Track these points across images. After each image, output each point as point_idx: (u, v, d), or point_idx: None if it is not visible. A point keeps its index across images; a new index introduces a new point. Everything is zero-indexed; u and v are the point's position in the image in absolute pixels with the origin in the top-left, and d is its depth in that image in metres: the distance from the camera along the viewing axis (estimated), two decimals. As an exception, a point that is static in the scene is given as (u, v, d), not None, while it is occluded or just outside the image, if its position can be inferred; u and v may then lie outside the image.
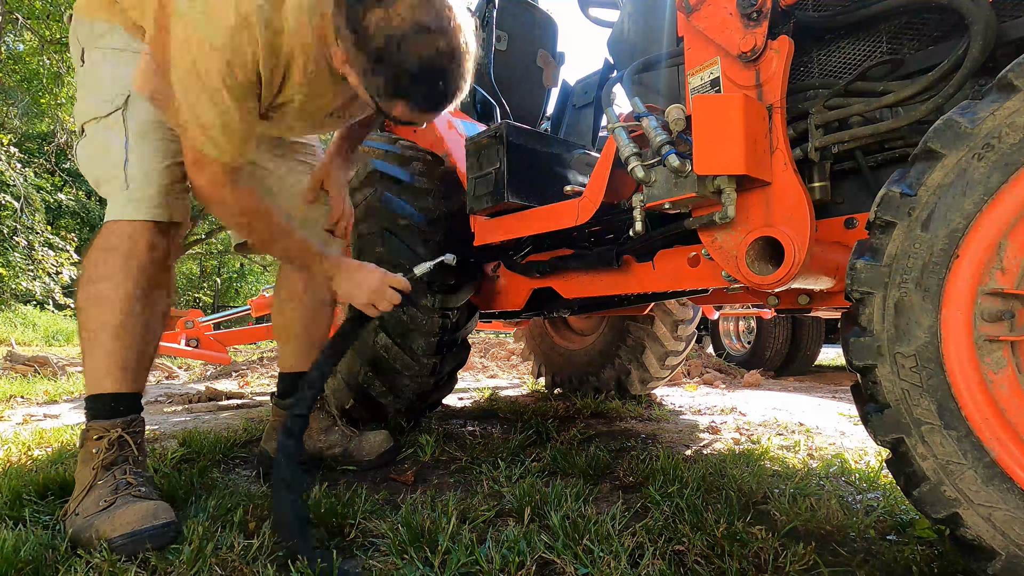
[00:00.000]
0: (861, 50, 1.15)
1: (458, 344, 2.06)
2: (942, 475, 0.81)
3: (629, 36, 1.68)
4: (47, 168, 12.58)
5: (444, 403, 2.80)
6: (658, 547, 1.04)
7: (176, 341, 4.35)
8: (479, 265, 2.11)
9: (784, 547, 1.04)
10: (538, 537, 1.05)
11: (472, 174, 1.78)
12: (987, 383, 0.80)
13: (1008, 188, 0.77)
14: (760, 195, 1.15)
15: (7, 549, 0.97)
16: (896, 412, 0.85)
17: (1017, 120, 0.76)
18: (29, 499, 1.28)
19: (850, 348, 0.89)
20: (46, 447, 1.86)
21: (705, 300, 2.31)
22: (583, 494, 1.32)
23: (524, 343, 3.45)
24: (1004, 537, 0.77)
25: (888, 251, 0.85)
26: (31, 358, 4.80)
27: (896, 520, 1.22)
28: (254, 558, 1.00)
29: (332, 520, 1.16)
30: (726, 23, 1.19)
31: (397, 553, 1.02)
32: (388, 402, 1.95)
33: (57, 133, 10.93)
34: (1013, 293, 0.78)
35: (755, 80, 1.16)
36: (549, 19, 2.68)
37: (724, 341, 5.52)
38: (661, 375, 2.87)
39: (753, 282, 1.15)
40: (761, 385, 3.98)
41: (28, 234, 10.18)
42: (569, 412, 2.52)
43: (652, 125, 1.22)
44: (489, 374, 4.84)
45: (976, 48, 0.95)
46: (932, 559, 1.03)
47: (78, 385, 3.68)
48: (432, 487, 1.46)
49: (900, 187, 0.85)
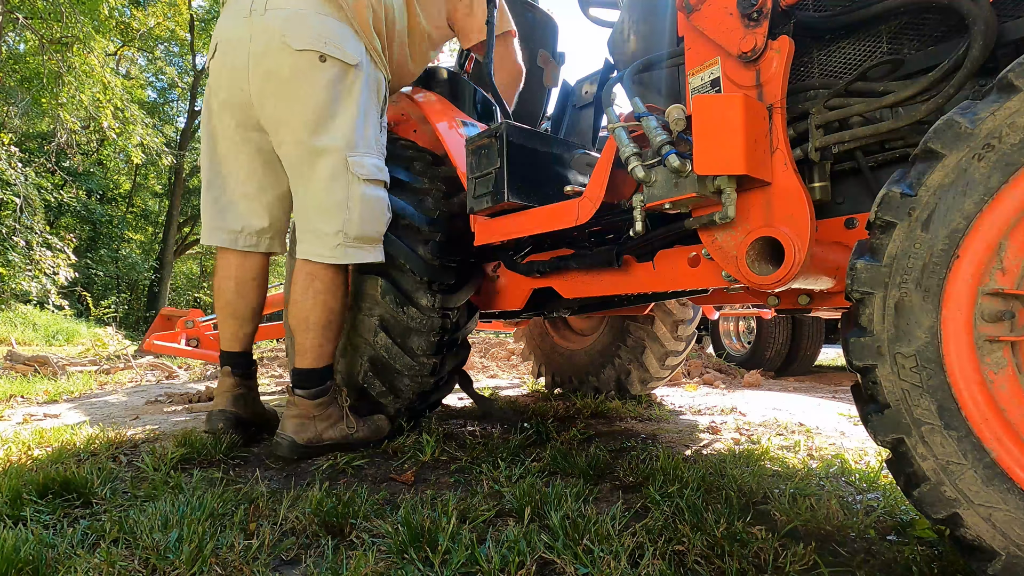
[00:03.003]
0: (861, 50, 1.15)
1: (458, 344, 2.06)
2: (942, 475, 0.81)
3: (629, 36, 1.68)
4: (47, 168, 12.58)
5: (444, 403, 2.80)
6: (658, 547, 1.04)
7: (176, 341, 4.35)
8: (479, 265, 2.11)
9: (784, 547, 1.04)
10: (538, 537, 1.05)
11: (472, 174, 1.78)
12: (987, 383, 0.80)
13: (1008, 188, 0.77)
14: (760, 195, 1.15)
15: (7, 549, 0.97)
16: (896, 412, 0.85)
17: (1017, 120, 0.76)
18: (29, 499, 1.28)
19: (850, 348, 0.89)
20: (46, 447, 1.86)
21: (705, 300, 2.31)
22: (583, 494, 1.32)
23: (524, 343, 3.45)
24: (1004, 537, 0.77)
25: (888, 251, 0.85)
26: (31, 358, 4.80)
27: (896, 520, 1.22)
28: (254, 558, 1.00)
29: (332, 520, 1.16)
30: (726, 23, 1.19)
31: (397, 553, 1.02)
32: (388, 402, 1.95)
33: (57, 133, 10.92)
34: (1013, 293, 0.78)
35: (755, 80, 1.16)
36: (549, 19, 2.68)
37: (724, 341, 5.52)
38: (661, 375, 2.87)
39: (753, 282, 1.15)
40: (761, 385, 3.98)
41: (27, 234, 10.18)
42: (569, 412, 2.52)
43: (652, 125, 1.22)
44: (489, 374, 4.84)
45: (976, 48, 0.95)
46: (932, 559, 1.03)
47: (78, 385, 3.68)
48: (432, 487, 1.46)
49: (900, 187, 0.85)
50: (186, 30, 16.69)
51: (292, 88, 1.64)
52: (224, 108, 1.76)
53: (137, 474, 1.51)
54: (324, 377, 1.77)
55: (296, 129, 1.67)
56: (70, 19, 10.08)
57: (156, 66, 19.09)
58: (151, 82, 20.20)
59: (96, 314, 13.23)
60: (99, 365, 4.99)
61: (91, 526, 1.15)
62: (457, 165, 1.99)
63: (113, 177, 19.95)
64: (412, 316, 1.88)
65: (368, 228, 1.75)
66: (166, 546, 1.02)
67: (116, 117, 11.03)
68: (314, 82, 1.65)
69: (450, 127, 2.14)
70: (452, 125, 2.15)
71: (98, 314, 13.21)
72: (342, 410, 1.80)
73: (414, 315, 1.88)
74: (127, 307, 18.89)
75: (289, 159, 1.73)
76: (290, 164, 1.74)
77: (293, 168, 1.74)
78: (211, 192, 1.86)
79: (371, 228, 1.76)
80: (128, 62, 17.21)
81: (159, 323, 4.79)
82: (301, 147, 1.68)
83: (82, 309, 14.04)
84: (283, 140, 1.71)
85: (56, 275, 10.53)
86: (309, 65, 1.64)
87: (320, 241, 1.72)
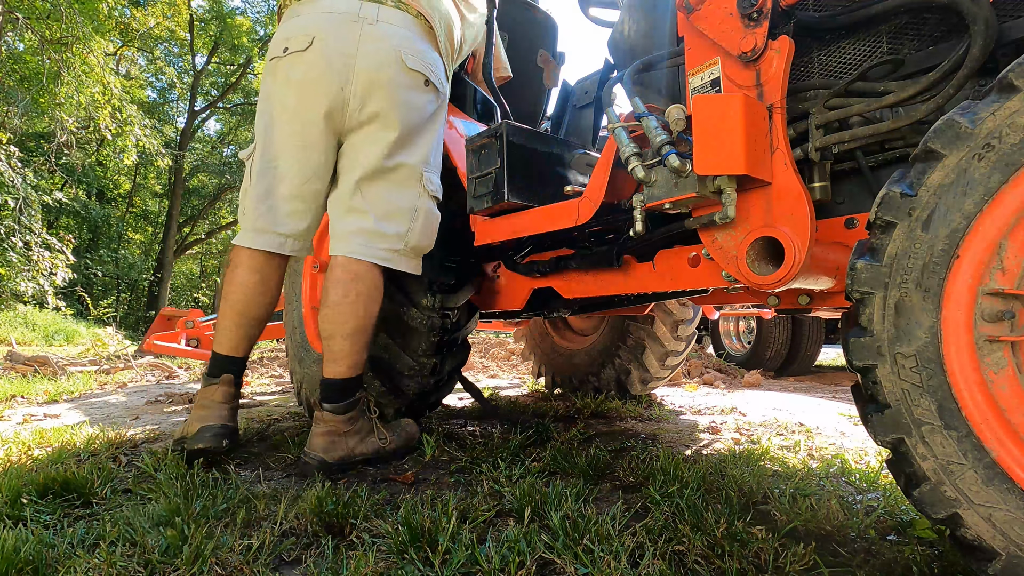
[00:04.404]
0: (861, 50, 1.15)
1: (458, 344, 2.06)
2: (942, 475, 0.81)
3: (629, 36, 1.68)
4: (47, 168, 12.58)
5: (444, 403, 2.80)
6: (658, 547, 1.04)
7: (176, 341, 4.35)
8: (479, 265, 2.11)
9: (784, 547, 1.04)
10: (538, 537, 1.05)
11: (472, 174, 1.78)
12: (987, 383, 0.80)
13: (1008, 188, 0.77)
14: (760, 195, 1.15)
15: (7, 549, 0.97)
16: (896, 412, 0.85)
17: (1017, 120, 0.76)
18: (29, 499, 1.28)
19: (850, 348, 0.89)
20: (46, 447, 1.86)
21: (705, 300, 2.31)
22: (583, 494, 1.32)
23: (524, 343, 3.45)
24: (1004, 537, 0.77)
25: (888, 251, 0.85)
26: (31, 358, 4.80)
27: (896, 520, 1.22)
28: (254, 558, 1.00)
29: (333, 520, 1.16)
30: (726, 23, 1.19)
31: (397, 553, 1.02)
32: (388, 402, 1.95)
33: (57, 133, 10.92)
34: (1013, 293, 0.78)
35: (755, 80, 1.16)
36: (549, 19, 2.68)
37: (724, 341, 5.52)
38: (661, 375, 2.87)
39: (753, 282, 1.15)
40: (761, 385, 3.98)
41: (26, 234, 10.17)
42: (569, 412, 2.52)
43: (652, 125, 1.22)
44: (489, 374, 4.84)
45: (976, 48, 0.95)
46: (932, 559, 1.03)
47: (78, 385, 3.68)
48: (432, 487, 1.46)
49: (900, 187, 0.85)
50: (186, 30, 16.70)
51: (396, 102, 1.67)
52: (310, 102, 1.66)
53: (137, 474, 1.51)
54: (355, 389, 1.68)
55: (387, 140, 1.68)
56: (70, 19, 10.08)
57: (156, 66, 19.10)
58: (151, 82, 20.22)
59: (96, 314, 13.23)
60: (99, 365, 4.99)
61: (91, 526, 1.15)
62: (457, 165, 1.99)
63: (113, 177, 19.95)
64: (412, 316, 1.88)
65: (424, 241, 1.77)
66: (166, 546, 1.02)
67: (114, 117, 11.03)
68: (415, 102, 1.71)
69: (449, 127, 2.14)
70: (452, 125, 2.15)
71: (98, 314, 13.21)
72: (371, 421, 1.73)
73: (414, 315, 1.88)
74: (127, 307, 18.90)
75: (366, 167, 1.69)
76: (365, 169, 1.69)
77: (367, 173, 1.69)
78: (261, 184, 1.70)
79: (426, 241, 1.78)
80: (128, 62, 17.20)
81: (159, 323, 4.80)
82: (384, 158, 1.69)
83: (82, 309, 14.04)
84: (369, 146, 1.69)
85: (54, 275, 10.52)
86: (415, 85, 1.71)
87: (380, 241, 1.68)
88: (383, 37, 1.67)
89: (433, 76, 1.76)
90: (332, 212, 1.76)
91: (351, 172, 1.72)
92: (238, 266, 1.71)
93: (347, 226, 1.70)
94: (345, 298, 1.64)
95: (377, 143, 1.69)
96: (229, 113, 21.87)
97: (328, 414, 1.63)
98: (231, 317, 1.69)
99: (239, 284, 1.70)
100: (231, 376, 1.70)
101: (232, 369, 1.71)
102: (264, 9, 20.22)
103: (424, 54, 1.74)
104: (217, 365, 1.70)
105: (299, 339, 2.30)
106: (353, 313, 1.64)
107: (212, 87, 21.15)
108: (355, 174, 1.71)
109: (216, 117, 22.64)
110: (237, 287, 1.70)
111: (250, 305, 1.70)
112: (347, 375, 1.66)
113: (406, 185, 1.73)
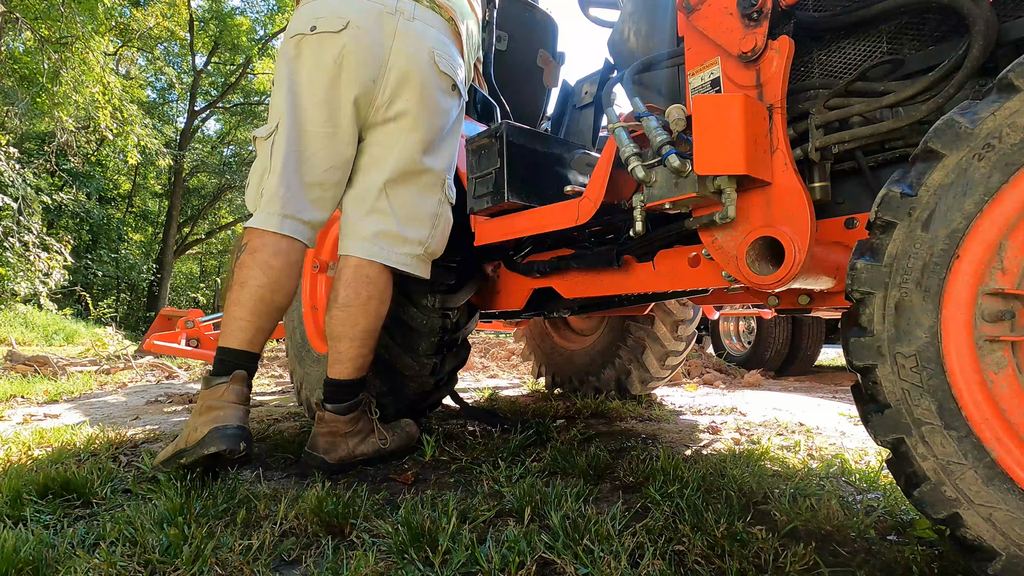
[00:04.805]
0: (861, 50, 1.15)
1: (458, 344, 2.06)
2: (942, 475, 0.81)
3: (629, 36, 1.68)
4: (47, 168, 12.58)
5: (444, 403, 2.80)
6: (658, 547, 1.04)
7: (176, 341, 4.35)
8: (479, 265, 2.11)
9: (784, 547, 1.04)
10: (538, 537, 1.05)
11: (472, 174, 1.78)
12: (987, 383, 0.80)
13: (1008, 188, 0.77)
14: (760, 195, 1.15)
15: (7, 549, 0.97)
16: (896, 412, 0.85)
17: (1018, 120, 0.76)
18: (29, 499, 1.28)
19: (850, 348, 0.89)
20: (46, 447, 1.86)
21: (705, 300, 2.31)
22: (583, 494, 1.32)
23: (524, 343, 3.45)
24: (1004, 537, 0.77)
25: (888, 251, 0.85)
26: (31, 358, 4.80)
27: (896, 520, 1.22)
28: (254, 558, 1.00)
29: (333, 520, 1.16)
30: (726, 23, 1.19)
31: (397, 553, 1.02)
32: (388, 402, 1.95)
33: (57, 133, 10.92)
34: (1013, 293, 0.78)
35: (755, 80, 1.16)
36: (549, 19, 2.68)
37: (724, 341, 5.52)
38: (661, 375, 2.87)
39: (753, 282, 1.15)
40: (761, 385, 3.98)
41: (24, 235, 10.17)
42: (569, 412, 2.52)
43: (652, 125, 1.22)
44: (489, 374, 4.84)
45: (977, 48, 0.95)
46: (932, 559, 1.03)
47: (78, 385, 3.68)
48: (432, 487, 1.46)
49: (900, 187, 0.85)
50: (185, 30, 16.69)
51: (425, 103, 1.65)
52: (342, 86, 1.59)
53: (137, 474, 1.51)
54: (358, 390, 1.69)
55: (414, 142, 1.66)
56: (69, 19, 10.08)
57: (156, 66, 19.10)
58: (151, 82, 20.22)
59: (96, 314, 13.24)
60: (99, 365, 4.99)
61: (91, 526, 1.15)
62: (457, 165, 1.99)
63: (113, 177, 19.95)
64: (412, 316, 1.88)
65: (440, 247, 1.76)
66: (166, 546, 1.02)
67: (114, 117, 11.02)
68: (443, 105, 1.70)
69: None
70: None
71: (98, 314, 13.22)
72: (372, 422, 1.72)
73: (414, 315, 1.88)
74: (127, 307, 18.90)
75: (396, 168, 1.65)
76: (394, 171, 1.65)
77: (396, 175, 1.66)
78: (288, 167, 1.56)
79: (441, 247, 1.77)
80: (128, 62, 17.21)
81: (159, 323, 4.79)
82: (411, 161, 1.67)
83: (82, 309, 14.04)
84: (396, 147, 1.66)
85: (48, 275, 10.51)
86: (444, 88, 1.70)
87: (401, 246, 1.66)
88: (419, 35, 1.64)
89: (459, 80, 1.75)
90: (351, 210, 1.68)
91: (376, 171, 1.66)
92: (258, 250, 1.52)
93: (368, 227, 1.64)
94: (357, 299, 1.61)
95: (406, 145, 1.66)
96: (229, 113, 21.87)
97: (331, 415, 1.63)
98: (247, 306, 1.50)
99: (262, 267, 1.51)
100: (244, 373, 1.49)
101: (246, 365, 1.51)
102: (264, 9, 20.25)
103: (453, 58, 1.73)
104: (227, 361, 1.50)
105: (299, 339, 2.30)
106: (364, 316, 1.62)
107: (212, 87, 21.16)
108: (382, 175, 1.65)
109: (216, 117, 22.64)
110: (258, 271, 1.51)
111: (275, 291, 1.52)
112: (352, 376, 1.65)
113: (431, 191, 1.72)
